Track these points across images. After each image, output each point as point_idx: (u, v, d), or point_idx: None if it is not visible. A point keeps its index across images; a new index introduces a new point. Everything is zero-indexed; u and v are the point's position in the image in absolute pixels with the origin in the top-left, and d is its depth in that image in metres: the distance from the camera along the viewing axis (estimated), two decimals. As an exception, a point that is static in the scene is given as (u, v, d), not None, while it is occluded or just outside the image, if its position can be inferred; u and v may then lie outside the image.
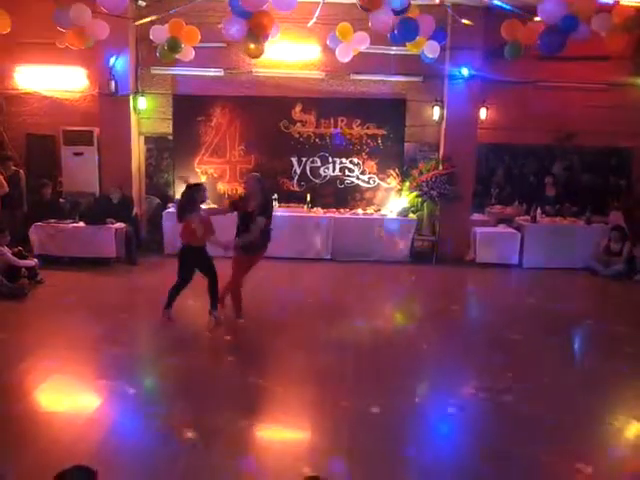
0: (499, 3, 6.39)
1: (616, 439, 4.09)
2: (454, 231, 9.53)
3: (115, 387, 4.57)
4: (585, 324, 6.85)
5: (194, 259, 5.97)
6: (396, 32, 5.94)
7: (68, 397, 4.49)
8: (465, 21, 7.37)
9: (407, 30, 5.97)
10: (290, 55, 9.52)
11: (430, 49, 6.77)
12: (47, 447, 3.64)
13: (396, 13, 5.60)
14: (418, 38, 6.32)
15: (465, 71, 9.25)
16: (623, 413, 4.43)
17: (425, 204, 9.68)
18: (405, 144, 9.87)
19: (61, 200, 9.44)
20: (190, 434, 3.83)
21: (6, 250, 7.24)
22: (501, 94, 9.64)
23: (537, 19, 5.93)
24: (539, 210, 9.52)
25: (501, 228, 9.79)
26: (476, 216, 10.18)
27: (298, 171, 9.87)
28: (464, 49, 9.13)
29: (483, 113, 9.75)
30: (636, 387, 4.96)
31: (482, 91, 9.44)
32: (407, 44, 6.57)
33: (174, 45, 6.59)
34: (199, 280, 6.08)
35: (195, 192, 5.93)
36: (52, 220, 8.68)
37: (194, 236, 5.83)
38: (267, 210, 6.00)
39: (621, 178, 10.63)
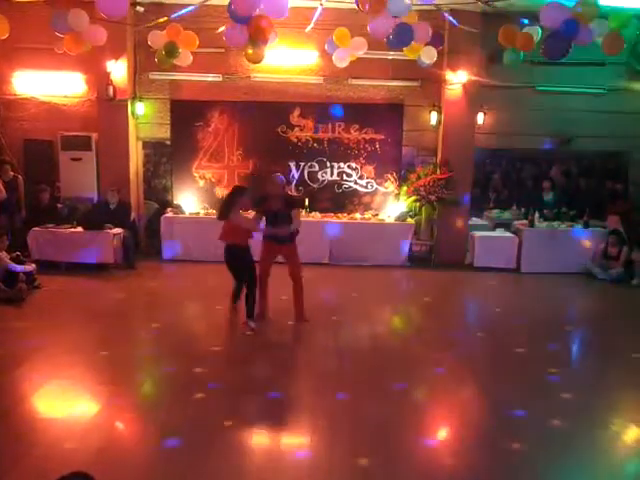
0: (498, 7, 6.41)
1: (615, 443, 4.09)
2: (452, 235, 9.55)
3: (114, 393, 4.56)
4: (583, 328, 6.85)
5: (241, 257, 6.02)
6: (391, 37, 5.96)
7: (66, 403, 4.46)
8: (461, 26, 7.40)
9: (402, 35, 5.98)
10: (288, 60, 9.54)
11: (427, 54, 6.80)
12: (45, 453, 3.63)
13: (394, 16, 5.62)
14: (414, 44, 6.34)
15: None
16: (622, 417, 4.42)
17: (423, 208, 9.70)
18: (403, 148, 9.88)
19: (59, 205, 9.43)
20: (189, 440, 3.82)
21: (4, 255, 7.24)
22: (499, 99, 9.67)
23: (534, 27, 5.96)
24: (537, 214, 9.54)
25: (499, 232, 9.81)
26: (474, 220, 10.19)
27: (296, 176, 9.88)
28: (462, 54, 9.17)
29: (480, 118, 9.76)
30: (635, 391, 4.96)
31: (479, 96, 9.48)
32: (404, 49, 6.60)
33: (172, 50, 6.61)
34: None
35: (237, 195, 6.05)
36: (50, 225, 8.67)
37: (235, 235, 5.91)
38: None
39: (618, 182, 10.66)
